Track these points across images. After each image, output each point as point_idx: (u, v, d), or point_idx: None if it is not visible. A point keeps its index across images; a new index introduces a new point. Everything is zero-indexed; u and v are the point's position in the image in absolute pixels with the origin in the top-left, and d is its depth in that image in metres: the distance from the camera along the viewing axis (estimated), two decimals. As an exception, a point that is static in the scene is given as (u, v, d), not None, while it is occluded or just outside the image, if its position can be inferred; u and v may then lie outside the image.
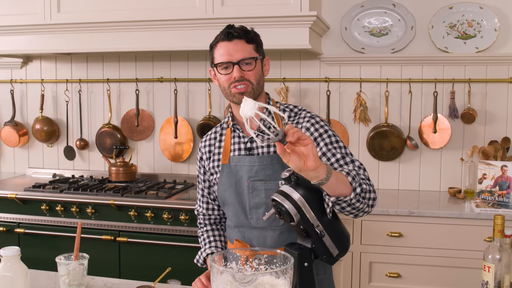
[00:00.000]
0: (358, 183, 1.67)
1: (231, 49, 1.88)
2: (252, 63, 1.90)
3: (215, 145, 2.08)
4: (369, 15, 3.60)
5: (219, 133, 2.10)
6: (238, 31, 1.90)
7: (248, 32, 1.92)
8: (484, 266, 1.71)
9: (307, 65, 3.73)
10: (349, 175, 1.67)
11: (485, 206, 3.04)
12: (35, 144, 4.29)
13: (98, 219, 3.35)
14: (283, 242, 1.89)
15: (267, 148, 1.96)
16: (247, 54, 1.89)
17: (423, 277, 3.02)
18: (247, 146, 1.98)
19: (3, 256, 1.59)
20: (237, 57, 1.88)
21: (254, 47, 1.93)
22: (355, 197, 1.65)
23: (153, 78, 3.98)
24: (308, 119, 1.95)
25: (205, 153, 2.10)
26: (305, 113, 1.99)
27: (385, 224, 3.05)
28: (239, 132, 2.01)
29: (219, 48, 1.92)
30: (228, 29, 1.91)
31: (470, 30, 3.45)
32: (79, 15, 3.48)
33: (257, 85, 1.92)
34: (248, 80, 1.89)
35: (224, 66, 1.90)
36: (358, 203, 1.68)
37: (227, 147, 2.02)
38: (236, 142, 2.01)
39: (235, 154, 2.00)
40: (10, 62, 4.23)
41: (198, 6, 3.30)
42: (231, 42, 1.89)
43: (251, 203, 1.93)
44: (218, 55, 1.91)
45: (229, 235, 2.06)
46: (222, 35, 1.91)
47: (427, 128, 3.53)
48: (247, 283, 1.32)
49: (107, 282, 1.95)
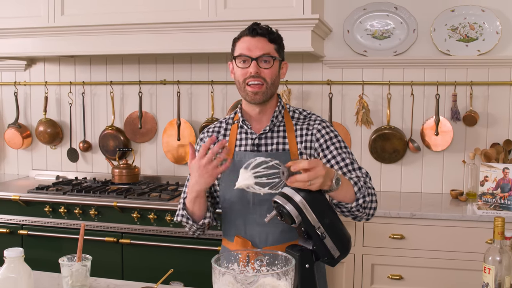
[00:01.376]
0: (362, 195, 1.78)
1: (252, 45, 1.93)
2: (270, 62, 1.94)
3: (219, 139, 2.08)
4: (371, 18, 3.61)
5: (224, 127, 2.11)
6: (263, 29, 1.96)
7: (272, 32, 1.98)
8: (485, 268, 1.71)
9: (309, 68, 3.74)
10: (356, 185, 1.78)
11: (487, 208, 3.04)
12: (38, 146, 4.31)
13: (101, 221, 3.36)
14: (285, 239, 1.93)
15: (276, 146, 2.00)
16: (267, 51, 1.94)
17: (425, 279, 3.03)
18: (255, 143, 2.01)
19: (6, 257, 1.60)
20: (256, 53, 1.92)
21: (275, 47, 1.97)
22: (355, 206, 1.78)
23: (156, 81, 4.00)
24: (319, 122, 2.03)
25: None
26: (315, 116, 2.06)
27: (387, 226, 3.06)
28: (247, 128, 2.04)
29: (241, 42, 1.97)
30: (254, 25, 1.96)
31: (472, 33, 3.46)
32: (82, 18, 3.50)
33: (271, 85, 1.96)
34: (264, 78, 1.93)
35: (242, 59, 1.94)
36: (358, 212, 1.81)
37: (232, 142, 2.04)
38: (243, 138, 2.04)
39: (241, 150, 2.02)
40: (14, 64, 4.25)
41: (201, 9, 3.31)
42: (254, 38, 1.94)
43: (255, 200, 1.95)
44: (239, 48, 1.96)
45: (229, 232, 2.05)
46: (247, 30, 1.96)
47: (429, 131, 3.53)
48: (248, 284, 1.33)
49: (110, 283, 1.95)
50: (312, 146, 2.00)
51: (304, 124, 2.03)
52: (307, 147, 2.00)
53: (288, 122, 2.04)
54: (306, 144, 2.00)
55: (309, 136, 2.00)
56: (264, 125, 2.04)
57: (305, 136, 2.01)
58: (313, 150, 2.00)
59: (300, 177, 1.54)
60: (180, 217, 2.01)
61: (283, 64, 2.04)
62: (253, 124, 2.05)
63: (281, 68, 2.02)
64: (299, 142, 2.00)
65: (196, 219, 1.99)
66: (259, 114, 2.03)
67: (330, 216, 1.63)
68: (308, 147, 2.00)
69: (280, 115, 2.04)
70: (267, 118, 2.04)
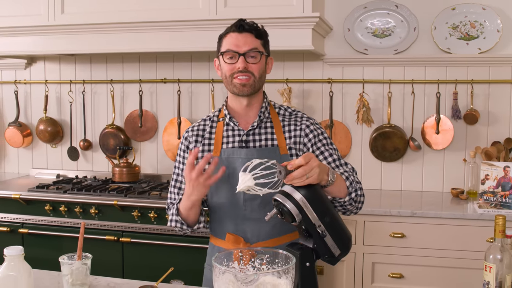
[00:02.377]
0: (354, 189, 1.86)
1: (239, 41, 1.95)
2: (257, 57, 1.97)
3: (204, 136, 2.08)
4: (372, 16, 3.61)
5: (209, 125, 2.10)
6: (249, 25, 1.98)
7: (258, 28, 2.01)
8: (486, 266, 1.71)
9: (310, 66, 3.73)
10: (348, 179, 1.86)
11: (487, 207, 3.03)
12: (39, 145, 4.31)
13: (101, 219, 3.36)
14: (277, 234, 1.97)
15: (264, 141, 2.02)
16: (254, 47, 1.96)
17: (425, 277, 3.02)
18: (243, 139, 2.02)
19: (6, 256, 1.60)
20: (244, 49, 1.95)
21: (261, 42, 2.00)
22: (348, 200, 1.85)
23: (156, 79, 3.99)
24: (306, 119, 2.07)
25: (192, 142, 2.09)
26: (301, 113, 2.10)
27: (387, 224, 3.06)
28: (233, 125, 2.04)
29: (228, 38, 1.99)
30: (240, 21, 1.98)
31: (473, 31, 3.45)
32: (83, 16, 3.49)
33: (259, 79, 1.98)
34: (251, 72, 1.96)
35: (229, 55, 1.96)
36: (350, 206, 1.88)
37: (219, 140, 2.04)
38: (230, 135, 2.04)
39: (228, 147, 2.02)
40: (14, 63, 4.25)
41: (201, 8, 3.31)
42: (241, 34, 1.96)
43: (246, 195, 1.95)
44: (226, 43, 1.98)
45: (219, 229, 2.05)
46: (234, 26, 1.98)
47: (430, 129, 3.53)
48: (249, 282, 1.33)
49: (110, 282, 1.95)
50: (301, 141, 2.03)
51: (292, 120, 2.06)
52: (296, 142, 2.02)
53: (274, 118, 2.06)
54: (295, 139, 2.02)
55: (298, 131, 2.03)
56: (251, 121, 2.05)
57: (293, 132, 2.04)
58: (301, 145, 2.03)
59: (297, 173, 1.57)
60: (175, 222, 2.03)
61: (269, 59, 2.06)
62: (240, 121, 2.05)
63: (267, 63, 2.05)
64: (287, 138, 2.03)
65: (191, 223, 2.02)
66: (246, 107, 2.03)
67: (330, 214, 1.64)
68: (298, 142, 2.03)
69: (267, 111, 2.06)
70: (253, 114, 2.05)
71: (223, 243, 2.02)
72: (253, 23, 2.00)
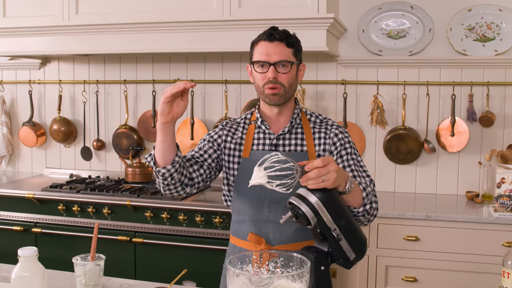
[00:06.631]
0: (369, 201, 1.84)
1: (270, 50, 1.95)
2: (288, 67, 1.97)
3: (236, 136, 2.11)
4: (386, 17, 3.58)
5: (242, 126, 2.14)
6: (280, 34, 1.97)
7: (289, 36, 2.00)
8: (504, 272, 1.69)
9: (324, 68, 3.72)
10: (365, 190, 1.84)
11: (503, 210, 3.00)
12: (52, 145, 4.32)
13: (114, 219, 3.36)
14: (298, 238, 1.97)
15: (294, 147, 2.04)
16: (284, 57, 1.96)
17: (439, 281, 3.00)
18: (273, 143, 2.05)
19: (21, 256, 1.60)
20: (274, 59, 1.95)
21: (292, 51, 2.00)
22: (362, 212, 1.83)
23: (169, 80, 3.99)
24: (336, 127, 2.09)
25: (223, 136, 2.11)
26: (331, 121, 2.12)
27: (401, 227, 3.03)
28: (265, 129, 2.07)
29: (259, 47, 1.99)
30: (272, 30, 1.98)
31: (489, 33, 3.42)
32: (97, 16, 3.50)
33: (289, 88, 2.00)
34: (281, 83, 1.96)
35: (260, 64, 1.97)
36: (362, 217, 1.85)
37: (249, 141, 2.07)
38: (260, 137, 2.07)
39: (258, 149, 2.05)
40: (28, 63, 4.27)
41: (215, 8, 3.30)
42: (272, 43, 1.96)
43: (271, 198, 1.97)
44: (257, 53, 1.99)
45: (241, 230, 2.06)
46: (265, 35, 1.98)
47: (445, 131, 3.49)
48: (263, 286, 1.32)
49: (123, 283, 1.95)
50: (329, 149, 2.05)
51: (322, 128, 2.08)
52: (325, 149, 2.04)
53: (305, 124, 2.08)
54: (325, 147, 2.04)
55: (328, 140, 2.05)
56: (282, 127, 2.08)
57: (323, 139, 2.05)
58: (329, 152, 2.05)
59: (312, 174, 1.56)
60: (149, 161, 1.93)
61: (300, 66, 2.07)
62: (271, 125, 2.09)
63: (298, 70, 2.06)
64: (317, 145, 2.05)
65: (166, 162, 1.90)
66: (277, 115, 2.07)
67: (346, 218, 1.62)
68: (327, 150, 2.05)
69: (298, 117, 2.08)
70: (284, 120, 2.08)
71: (245, 243, 2.03)
72: (284, 31, 1.99)
